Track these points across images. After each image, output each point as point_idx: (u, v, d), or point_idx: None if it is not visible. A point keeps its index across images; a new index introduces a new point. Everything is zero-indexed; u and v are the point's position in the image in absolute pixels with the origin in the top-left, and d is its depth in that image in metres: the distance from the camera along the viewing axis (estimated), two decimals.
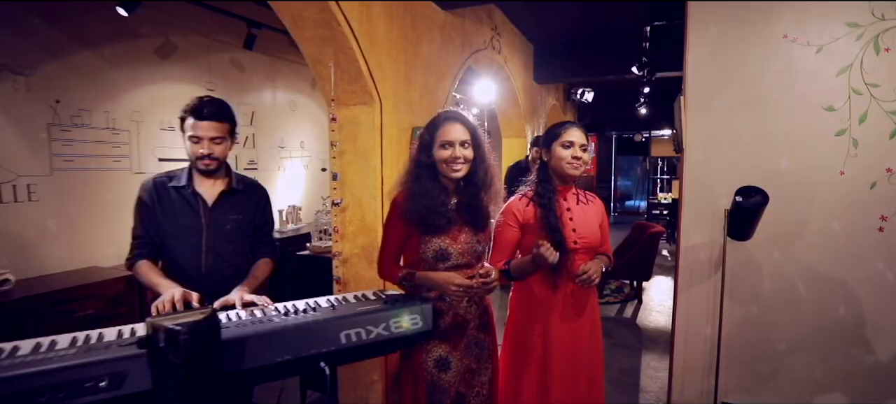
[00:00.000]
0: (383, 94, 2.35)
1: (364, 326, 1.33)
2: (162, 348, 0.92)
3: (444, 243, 1.62)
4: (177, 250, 1.67)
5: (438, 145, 1.62)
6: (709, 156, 2.22)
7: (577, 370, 1.83)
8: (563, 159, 1.74)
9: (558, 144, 1.74)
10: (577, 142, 1.74)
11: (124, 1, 2.67)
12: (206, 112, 1.62)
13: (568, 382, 1.81)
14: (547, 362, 1.79)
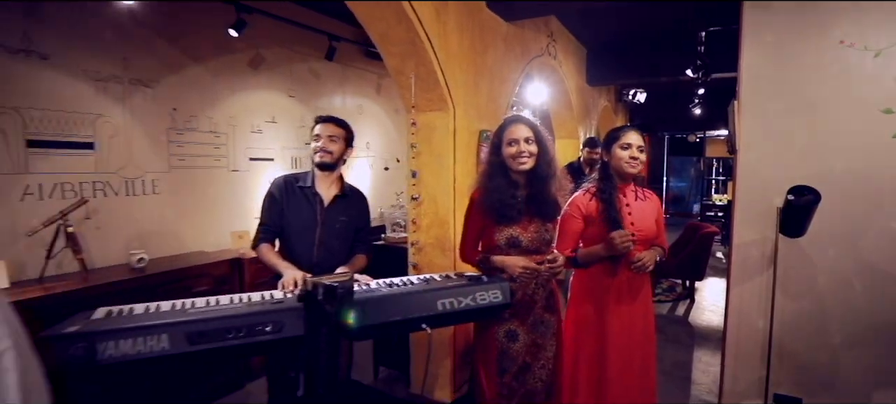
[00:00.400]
0: (456, 100, 2.63)
1: (455, 297, 1.61)
2: (320, 300, 1.23)
3: (515, 232, 1.88)
4: (294, 240, 2.02)
5: (506, 144, 1.88)
6: (762, 157, 2.34)
7: (631, 349, 2.04)
8: (621, 159, 1.96)
9: (617, 146, 1.97)
10: (634, 143, 1.96)
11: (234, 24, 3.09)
12: (326, 117, 2.00)
13: (623, 360, 2.02)
14: (604, 340, 2.01)
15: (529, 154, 1.86)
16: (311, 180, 2.06)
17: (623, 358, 2.02)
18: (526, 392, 1.94)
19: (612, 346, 2.00)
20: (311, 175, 2.08)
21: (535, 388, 1.96)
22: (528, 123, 1.88)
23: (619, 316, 2.00)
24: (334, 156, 2.03)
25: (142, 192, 3.08)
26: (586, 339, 2.05)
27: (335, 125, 2.05)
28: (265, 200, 2.06)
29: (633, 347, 2.04)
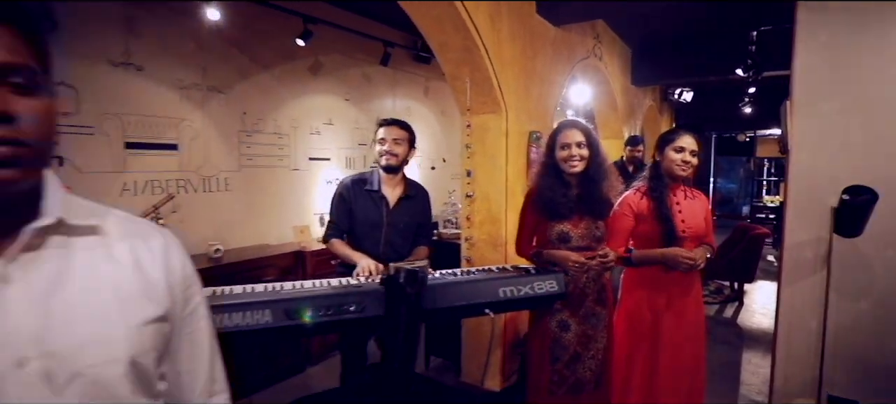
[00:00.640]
0: (508, 103, 2.77)
1: (515, 285, 1.75)
2: (401, 283, 1.40)
3: (566, 228, 2.00)
4: (362, 238, 2.18)
5: (559, 147, 2.00)
6: (816, 157, 2.35)
7: (682, 346, 2.12)
8: (674, 162, 2.04)
9: (671, 148, 2.05)
10: (687, 147, 2.04)
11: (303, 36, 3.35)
12: (390, 120, 2.16)
13: (675, 356, 2.10)
14: (657, 336, 2.09)
15: (580, 157, 1.97)
16: (377, 183, 2.21)
17: (675, 354, 2.10)
18: (576, 380, 2.06)
19: (665, 342, 2.08)
20: (376, 177, 2.23)
21: (584, 377, 2.06)
22: (582, 128, 1.99)
23: (672, 312, 2.08)
24: (399, 158, 2.18)
25: (216, 189, 3.38)
26: (639, 334, 2.14)
27: (399, 128, 2.20)
28: (334, 200, 2.24)
29: (684, 343, 2.12)
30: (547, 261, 2.02)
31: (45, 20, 0.56)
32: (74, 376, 0.57)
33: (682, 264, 1.95)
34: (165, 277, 0.70)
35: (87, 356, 0.59)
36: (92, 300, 0.61)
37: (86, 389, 0.58)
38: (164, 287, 0.69)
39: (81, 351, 0.58)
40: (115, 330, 0.62)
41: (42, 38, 0.57)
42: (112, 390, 0.61)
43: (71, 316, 0.59)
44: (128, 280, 0.65)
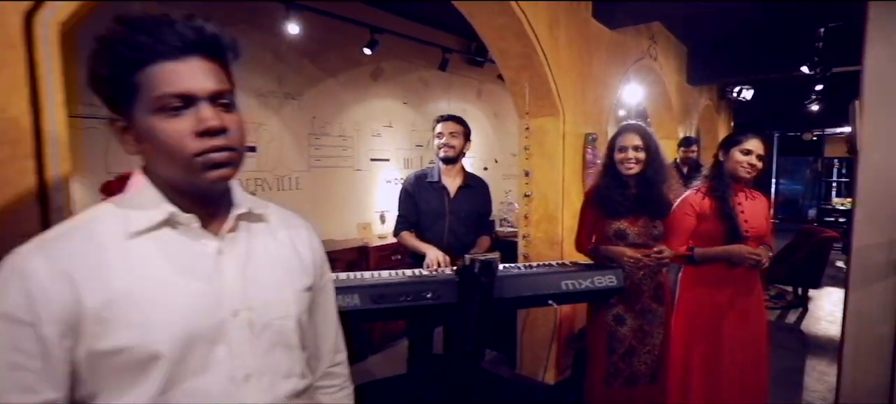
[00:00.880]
0: (566, 107, 2.87)
1: (577, 279, 1.86)
2: (476, 273, 1.55)
3: (624, 225, 2.08)
4: (426, 229, 2.36)
5: (617, 149, 2.09)
6: (888, 156, 2.30)
7: (744, 345, 2.14)
8: (739, 163, 2.07)
9: (738, 150, 2.07)
10: (754, 150, 2.06)
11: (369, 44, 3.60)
12: (446, 116, 2.36)
13: (737, 354, 2.12)
14: (719, 335, 2.12)
15: (636, 160, 2.05)
16: (437, 175, 2.40)
17: (737, 352, 2.12)
18: (631, 373, 2.13)
19: (727, 340, 2.10)
20: (437, 170, 2.42)
21: (639, 371, 2.14)
22: (640, 132, 2.07)
23: (736, 310, 2.11)
24: (456, 150, 2.35)
25: (288, 188, 3.67)
26: (699, 332, 2.17)
27: (455, 122, 2.37)
28: (401, 195, 2.44)
29: (747, 342, 2.14)
30: (604, 257, 2.12)
31: (235, 52, 0.75)
32: (266, 325, 0.76)
33: (749, 260, 1.99)
34: (311, 257, 0.89)
35: (273, 311, 0.78)
36: (270, 271, 0.80)
37: (272, 336, 0.77)
38: (310, 264, 0.88)
39: (270, 308, 0.77)
40: (287, 294, 0.81)
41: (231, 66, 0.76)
42: (287, 338, 0.80)
43: (260, 281, 0.78)
44: (289, 257, 0.84)
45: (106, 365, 0.66)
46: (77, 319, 0.64)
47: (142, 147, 0.70)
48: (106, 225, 0.70)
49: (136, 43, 0.64)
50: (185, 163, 0.68)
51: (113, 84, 0.66)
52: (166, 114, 0.66)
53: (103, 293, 0.66)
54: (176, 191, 0.73)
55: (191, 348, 0.69)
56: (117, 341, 0.65)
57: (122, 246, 0.69)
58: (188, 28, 0.67)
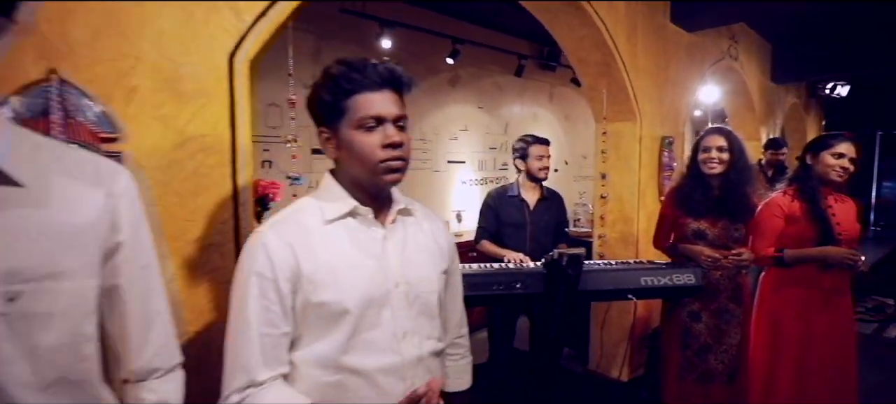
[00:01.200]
0: (642, 111, 2.95)
1: (655, 276, 1.98)
2: (563, 265, 1.73)
3: (703, 225, 2.15)
4: (509, 238, 2.53)
5: (701, 150, 2.16)
6: None
7: (834, 348, 2.12)
8: (831, 167, 2.06)
9: (829, 153, 2.07)
10: (848, 154, 2.04)
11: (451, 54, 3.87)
12: (543, 139, 2.54)
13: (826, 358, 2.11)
14: (808, 334, 2.11)
15: (719, 161, 2.10)
16: (517, 190, 2.59)
17: (828, 354, 2.11)
18: (706, 369, 2.18)
19: (817, 342, 2.10)
20: (516, 185, 2.61)
21: (715, 369, 2.18)
22: (724, 134, 2.13)
23: (828, 311, 2.10)
24: (549, 170, 2.55)
25: None
26: (784, 335, 2.16)
27: (548, 146, 2.57)
28: (483, 208, 2.64)
29: (835, 346, 2.12)
30: (681, 255, 2.20)
31: (409, 88, 0.99)
32: (417, 297, 1.00)
33: (846, 261, 1.98)
34: (446, 246, 1.12)
35: (422, 287, 1.02)
36: (419, 254, 1.04)
37: (420, 306, 1.01)
38: (446, 251, 1.11)
39: (419, 283, 1.01)
40: (431, 274, 1.05)
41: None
42: (430, 309, 1.03)
43: (413, 262, 1.02)
44: (431, 245, 1.08)
45: (313, 314, 0.93)
46: (297, 278, 0.92)
47: (340, 152, 0.97)
48: (309, 214, 0.98)
49: (351, 78, 0.91)
50: (372, 167, 0.93)
51: (330, 105, 0.93)
52: (364, 130, 0.92)
53: (312, 262, 0.92)
54: (358, 188, 0.98)
55: (368, 308, 0.95)
56: (322, 297, 0.92)
57: (321, 229, 0.96)
58: (384, 69, 0.93)
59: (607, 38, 2.64)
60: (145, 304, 0.75)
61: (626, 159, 2.98)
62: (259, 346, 0.89)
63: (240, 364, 0.89)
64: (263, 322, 0.90)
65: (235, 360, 0.90)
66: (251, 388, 0.89)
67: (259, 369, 0.89)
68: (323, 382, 0.93)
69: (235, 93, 1.30)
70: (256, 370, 0.89)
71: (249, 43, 1.31)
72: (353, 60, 0.93)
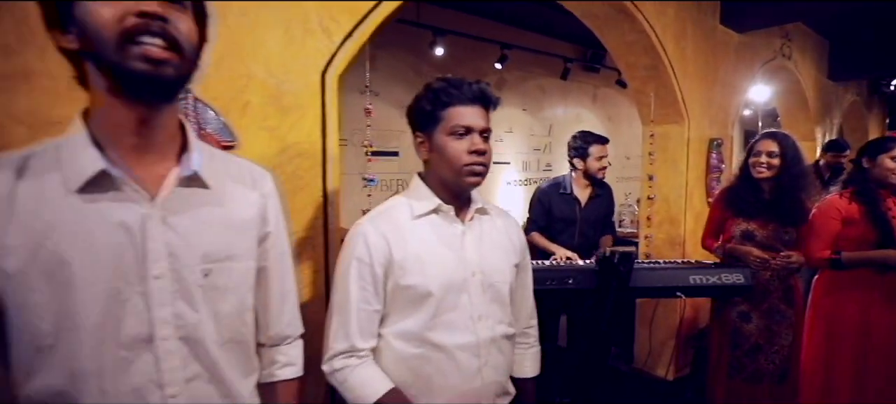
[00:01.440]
0: (691, 113, 2.99)
1: (704, 275, 2.05)
2: (615, 263, 1.84)
3: (752, 227, 2.18)
4: (559, 232, 2.65)
5: (753, 153, 2.19)
6: None
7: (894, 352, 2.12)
8: (890, 171, 2.06)
9: (888, 157, 2.07)
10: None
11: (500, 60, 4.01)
12: (603, 138, 2.64)
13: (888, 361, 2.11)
14: (867, 335, 2.11)
15: (769, 166, 2.10)
16: (569, 186, 2.69)
17: (887, 359, 2.11)
18: (756, 369, 2.20)
19: (878, 343, 2.10)
20: (568, 181, 2.71)
21: (765, 369, 2.20)
22: (778, 139, 2.12)
23: (886, 316, 2.09)
24: (606, 170, 2.65)
25: None
26: (840, 337, 2.17)
27: (607, 145, 2.68)
28: (533, 202, 2.76)
29: None
30: (729, 255, 2.24)
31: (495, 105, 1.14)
32: (490, 285, 1.15)
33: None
34: (518, 242, 1.27)
35: (495, 277, 1.16)
36: (494, 249, 1.19)
37: (493, 293, 1.16)
38: (517, 247, 1.26)
39: (493, 274, 1.16)
40: (505, 266, 1.19)
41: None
42: (502, 297, 1.18)
43: (488, 255, 1.17)
44: (504, 240, 1.23)
45: (402, 295, 1.09)
46: (389, 264, 1.08)
47: (431, 155, 1.13)
48: (401, 210, 1.14)
49: (449, 92, 1.07)
50: (458, 169, 1.09)
51: (428, 114, 1.09)
52: (454, 136, 1.08)
53: (402, 251, 1.09)
54: (443, 188, 1.14)
55: (448, 293, 1.10)
56: (409, 281, 1.08)
57: (410, 223, 1.12)
58: (477, 88, 1.09)
59: (656, 43, 2.70)
60: (282, 284, 0.93)
61: (673, 161, 3.02)
62: (357, 318, 1.07)
63: (343, 331, 1.08)
64: (361, 299, 1.08)
65: (339, 328, 1.08)
66: (353, 354, 1.07)
67: (357, 337, 1.07)
68: (409, 354, 1.10)
69: (326, 105, 1.49)
70: (355, 338, 1.07)
71: (338, 60, 1.50)
72: (452, 78, 1.09)
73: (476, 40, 4.11)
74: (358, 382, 1.07)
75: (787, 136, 2.16)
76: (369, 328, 1.09)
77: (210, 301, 0.77)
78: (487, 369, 1.14)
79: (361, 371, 1.08)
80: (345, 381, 1.08)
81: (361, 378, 1.07)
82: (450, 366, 1.10)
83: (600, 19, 2.69)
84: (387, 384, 1.08)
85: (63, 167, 0.69)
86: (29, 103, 1.05)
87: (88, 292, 0.67)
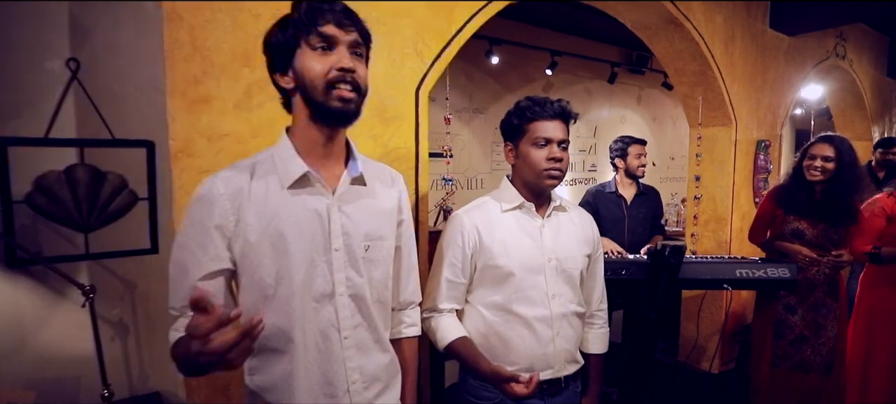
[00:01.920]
0: (738, 116, 3.12)
1: (750, 269, 2.21)
2: (666, 256, 2.03)
3: (802, 225, 2.30)
4: (607, 232, 2.83)
5: (808, 156, 2.30)
6: None
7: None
8: None
9: None
10: None
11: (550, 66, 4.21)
12: (640, 139, 2.82)
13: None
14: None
15: (823, 170, 2.20)
16: (614, 186, 2.90)
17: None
18: (800, 360, 2.33)
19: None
20: (613, 182, 2.91)
21: (810, 361, 2.32)
22: (834, 144, 2.21)
23: None
24: (645, 167, 2.85)
25: (475, 187, 4.45)
26: (881, 329, 2.30)
27: (645, 146, 2.87)
28: (582, 204, 2.95)
29: None
30: (777, 251, 2.38)
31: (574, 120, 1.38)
32: (563, 270, 1.39)
33: None
34: (592, 236, 1.49)
35: (568, 263, 1.40)
36: (568, 240, 1.43)
37: (566, 277, 1.40)
38: (591, 240, 1.48)
39: (567, 260, 1.40)
40: (578, 254, 1.43)
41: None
42: (574, 280, 1.42)
43: (562, 245, 1.41)
44: (578, 233, 1.46)
45: (490, 273, 1.35)
46: (479, 248, 1.34)
47: (517, 161, 1.38)
48: (491, 205, 1.40)
49: (534, 109, 1.32)
50: (538, 173, 1.33)
51: (516, 127, 1.35)
52: (537, 146, 1.32)
53: (491, 238, 1.35)
54: (526, 188, 1.39)
55: (527, 273, 1.35)
56: (496, 262, 1.34)
57: (498, 217, 1.38)
58: (558, 106, 1.33)
59: (705, 50, 2.85)
60: (409, 260, 1.20)
61: (720, 163, 3.15)
62: (443, 288, 1.36)
63: (430, 296, 1.37)
64: (450, 273, 1.35)
65: (428, 294, 1.38)
66: (434, 311, 1.37)
67: (440, 301, 1.36)
68: (494, 321, 1.36)
69: (419, 116, 1.77)
70: (438, 301, 1.36)
71: (429, 78, 1.78)
72: (537, 98, 1.34)
73: (528, 48, 4.32)
74: (439, 330, 1.36)
75: (844, 141, 2.22)
76: (452, 295, 1.37)
77: (368, 269, 1.05)
78: (559, 339, 1.38)
79: (442, 321, 1.36)
80: (429, 329, 1.37)
81: (441, 327, 1.36)
82: (528, 333, 1.35)
83: (651, 29, 2.86)
84: (460, 332, 1.35)
85: (278, 170, 0.98)
86: (208, 121, 1.38)
87: (296, 257, 0.96)
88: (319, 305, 0.99)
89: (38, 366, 1.48)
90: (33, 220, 1.46)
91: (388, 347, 1.13)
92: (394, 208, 1.13)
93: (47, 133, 1.46)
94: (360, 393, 1.04)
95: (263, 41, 0.99)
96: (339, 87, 0.93)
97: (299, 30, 0.92)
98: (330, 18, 0.92)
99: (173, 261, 0.94)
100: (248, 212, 0.95)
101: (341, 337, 1.01)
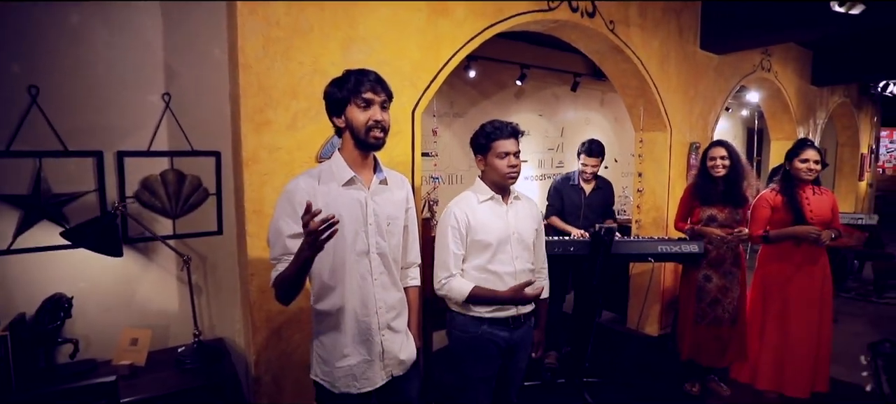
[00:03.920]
0: (673, 122, 3.79)
1: (669, 246, 2.87)
2: (602, 235, 2.67)
3: (714, 212, 2.98)
4: (569, 214, 3.48)
5: (708, 159, 2.99)
6: None
7: (810, 304, 2.91)
8: (800, 170, 2.86)
9: (797, 160, 2.87)
10: (811, 158, 2.83)
11: (520, 78, 4.82)
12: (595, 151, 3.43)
13: (803, 309, 2.91)
14: (787, 293, 2.91)
15: (722, 166, 2.91)
16: (577, 179, 3.54)
17: (802, 309, 2.90)
18: (715, 317, 3.03)
19: (794, 298, 2.88)
20: (576, 175, 3.55)
21: (722, 317, 3.02)
22: (725, 146, 2.92)
23: (801, 274, 2.87)
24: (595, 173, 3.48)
25: (456, 183, 5.05)
26: (771, 293, 2.98)
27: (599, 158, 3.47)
28: (551, 191, 3.59)
29: (811, 302, 2.91)
30: (697, 234, 3.05)
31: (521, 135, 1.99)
32: (522, 240, 2.01)
33: (809, 237, 2.76)
34: (538, 216, 2.11)
35: (526, 235, 2.02)
36: (525, 219, 2.04)
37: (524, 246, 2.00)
38: (537, 218, 2.10)
39: (524, 233, 2.01)
40: (530, 229, 2.04)
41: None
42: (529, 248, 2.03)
43: (522, 222, 2.02)
44: (530, 214, 2.07)
45: (474, 245, 1.95)
46: (468, 228, 1.94)
47: (486, 168, 1.98)
48: (471, 198, 2.00)
49: (496, 132, 1.91)
50: (502, 175, 1.93)
51: (483, 145, 1.94)
52: (500, 158, 1.92)
53: (475, 221, 1.95)
54: (494, 186, 1.99)
55: (499, 244, 1.95)
56: (479, 237, 1.93)
57: (477, 205, 1.98)
58: (512, 128, 1.92)
59: (642, 70, 3.50)
60: (412, 233, 1.79)
61: (658, 161, 3.83)
62: (452, 257, 1.94)
63: (445, 265, 1.94)
64: (455, 247, 1.94)
65: (443, 264, 1.95)
66: (450, 276, 1.93)
67: (452, 267, 1.93)
68: (479, 276, 1.94)
69: (414, 131, 2.35)
70: (451, 267, 1.93)
71: (422, 103, 2.36)
72: (497, 122, 1.93)
73: (501, 63, 4.92)
74: (456, 287, 1.92)
75: (730, 144, 2.96)
76: (457, 263, 1.95)
77: (388, 238, 1.64)
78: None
79: (456, 281, 1.93)
80: (450, 289, 1.93)
81: (458, 285, 1.92)
82: (501, 284, 1.95)
83: (600, 54, 3.51)
84: (471, 284, 1.93)
85: (335, 175, 1.56)
86: (269, 139, 1.94)
87: (347, 228, 1.54)
88: (359, 259, 1.58)
89: (142, 315, 2.02)
90: (139, 210, 2.01)
91: (401, 289, 1.71)
92: (404, 199, 1.72)
93: (149, 147, 2.00)
94: (383, 314, 1.63)
95: (324, 95, 1.56)
96: (373, 131, 1.51)
97: (349, 92, 1.50)
98: (369, 87, 1.50)
99: (271, 229, 1.52)
100: (317, 200, 1.53)
101: (372, 280, 1.60)
